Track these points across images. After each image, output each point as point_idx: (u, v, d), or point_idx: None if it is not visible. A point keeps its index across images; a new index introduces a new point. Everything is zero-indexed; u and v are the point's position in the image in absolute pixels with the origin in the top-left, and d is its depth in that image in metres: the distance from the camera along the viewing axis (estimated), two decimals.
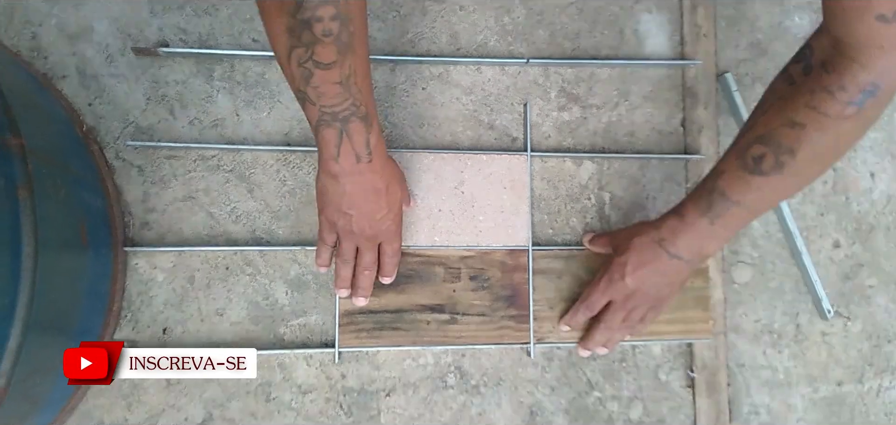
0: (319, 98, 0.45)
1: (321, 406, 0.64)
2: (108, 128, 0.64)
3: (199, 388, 0.63)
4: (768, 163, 0.47)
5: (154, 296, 0.63)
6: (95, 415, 0.62)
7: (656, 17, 0.73)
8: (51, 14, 0.64)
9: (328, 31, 0.41)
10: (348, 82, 0.44)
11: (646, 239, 0.57)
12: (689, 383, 0.69)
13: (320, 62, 0.42)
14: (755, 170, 0.48)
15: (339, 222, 0.54)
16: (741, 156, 0.49)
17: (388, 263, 0.60)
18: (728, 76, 0.72)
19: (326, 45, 0.41)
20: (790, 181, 0.48)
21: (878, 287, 0.73)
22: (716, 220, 0.52)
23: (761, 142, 0.48)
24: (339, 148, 0.48)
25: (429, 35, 0.69)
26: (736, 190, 0.50)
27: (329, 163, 0.49)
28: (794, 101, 0.46)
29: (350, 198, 0.52)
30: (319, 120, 0.46)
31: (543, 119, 0.70)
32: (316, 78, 0.43)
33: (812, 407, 0.71)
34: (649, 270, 0.57)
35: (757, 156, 0.48)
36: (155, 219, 0.64)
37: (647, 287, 0.58)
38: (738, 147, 0.50)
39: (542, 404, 0.67)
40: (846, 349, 0.72)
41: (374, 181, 0.52)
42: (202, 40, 0.66)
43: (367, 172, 0.50)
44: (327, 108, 0.45)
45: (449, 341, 0.64)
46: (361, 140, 0.48)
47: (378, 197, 0.53)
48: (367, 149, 0.49)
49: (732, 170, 0.50)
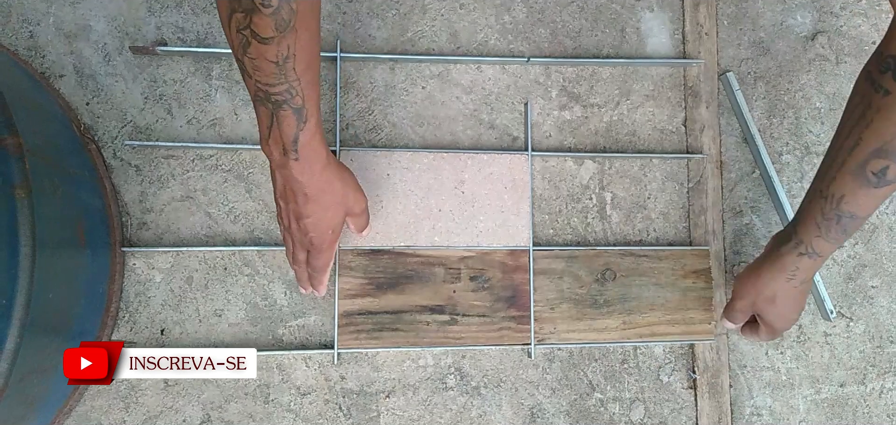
0: (255, 72, 0.43)
1: (320, 407, 0.64)
2: (106, 127, 0.64)
3: (198, 390, 0.63)
4: (893, 172, 0.48)
5: (152, 297, 0.63)
6: (93, 417, 0.61)
7: (658, 16, 0.72)
8: (48, 12, 0.64)
9: (267, 3, 0.39)
10: (285, 65, 0.42)
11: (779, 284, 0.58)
12: (691, 384, 0.69)
13: (256, 34, 0.41)
14: (881, 183, 0.48)
15: (280, 215, 0.54)
16: (860, 175, 0.49)
17: (312, 276, 0.58)
18: (730, 75, 0.71)
19: (264, 17, 0.40)
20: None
21: (881, 288, 0.73)
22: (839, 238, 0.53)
23: (881, 155, 0.48)
24: (270, 131, 0.46)
25: (429, 33, 0.69)
26: (862, 207, 0.51)
27: (263, 142, 0.48)
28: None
29: (280, 189, 0.51)
30: (255, 95, 0.45)
31: (544, 118, 0.70)
32: (252, 50, 0.42)
33: (814, 408, 0.71)
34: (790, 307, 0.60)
35: (879, 171, 0.48)
36: (153, 218, 0.64)
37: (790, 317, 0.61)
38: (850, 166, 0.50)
39: (543, 405, 0.67)
40: (849, 350, 0.72)
41: (302, 185, 0.50)
42: (200, 39, 0.66)
43: (294, 171, 0.48)
44: (262, 86, 0.44)
45: (449, 342, 0.64)
46: (289, 133, 0.46)
47: (305, 201, 0.51)
48: (294, 147, 0.47)
49: (855, 190, 0.50)
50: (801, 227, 0.55)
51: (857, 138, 0.49)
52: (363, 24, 0.68)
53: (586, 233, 0.69)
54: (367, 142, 0.67)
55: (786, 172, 0.73)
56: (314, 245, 0.55)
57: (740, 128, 0.72)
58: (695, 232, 0.70)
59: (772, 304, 0.59)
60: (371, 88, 0.68)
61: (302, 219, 0.53)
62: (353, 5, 0.68)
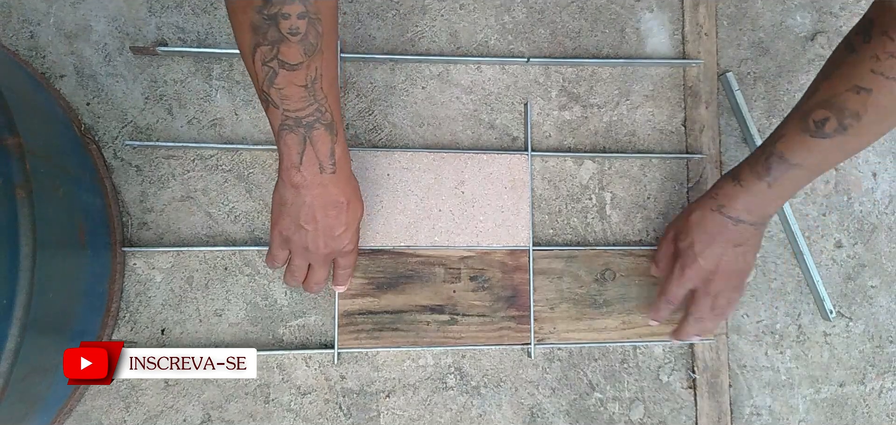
0: (283, 101, 0.43)
1: (320, 407, 0.64)
2: (107, 127, 0.64)
3: (198, 389, 0.63)
4: (831, 126, 0.48)
5: (152, 297, 0.63)
6: (93, 417, 0.61)
7: (657, 16, 0.73)
8: (49, 13, 0.64)
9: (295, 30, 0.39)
10: (314, 86, 0.43)
11: (704, 211, 0.57)
12: (691, 384, 0.69)
13: (285, 62, 0.41)
14: (817, 133, 0.49)
15: (294, 237, 0.52)
16: (803, 121, 0.50)
17: (341, 275, 0.59)
18: (729, 75, 0.72)
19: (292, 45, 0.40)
20: (852, 143, 0.50)
21: (881, 287, 0.73)
22: (774, 184, 0.53)
23: (825, 106, 0.49)
24: (303, 156, 0.46)
25: (429, 34, 0.69)
26: (796, 153, 0.51)
27: (290, 172, 0.47)
28: (859, 68, 0.47)
29: (309, 210, 0.50)
30: (282, 124, 0.45)
31: (544, 118, 0.70)
32: (280, 79, 0.42)
33: (814, 408, 0.71)
34: (719, 244, 0.56)
35: (820, 121, 0.49)
36: (153, 218, 0.64)
37: (723, 263, 0.57)
38: (800, 112, 0.51)
39: (543, 405, 0.67)
40: (848, 350, 0.72)
41: (337, 195, 0.50)
42: (200, 39, 0.66)
43: (330, 185, 0.49)
44: (291, 113, 0.44)
45: (449, 342, 0.64)
46: (326, 149, 0.47)
47: (338, 212, 0.51)
48: (332, 160, 0.47)
49: (793, 134, 0.51)
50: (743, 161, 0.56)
51: (814, 88, 0.51)
52: (363, 24, 0.68)
53: (586, 233, 0.69)
54: (367, 142, 0.67)
55: None
56: (346, 250, 0.55)
57: (740, 128, 0.72)
58: None
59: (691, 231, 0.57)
60: (371, 88, 0.68)
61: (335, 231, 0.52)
62: (353, 5, 0.68)
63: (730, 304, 0.60)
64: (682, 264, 0.59)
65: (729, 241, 0.56)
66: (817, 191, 0.73)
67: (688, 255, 0.58)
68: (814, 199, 0.73)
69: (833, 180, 0.74)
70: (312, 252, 0.53)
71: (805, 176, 0.53)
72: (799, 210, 0.72)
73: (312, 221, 0.51)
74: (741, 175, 0.55)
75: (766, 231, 0.72)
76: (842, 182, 0.74)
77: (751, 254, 0.58)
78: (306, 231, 0.51)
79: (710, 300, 0.59)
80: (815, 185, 0.73)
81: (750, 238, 0.57)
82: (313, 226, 0.51)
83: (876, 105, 0.47)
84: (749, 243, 0.57)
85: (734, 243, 0.57)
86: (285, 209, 0.51)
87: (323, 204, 0.50)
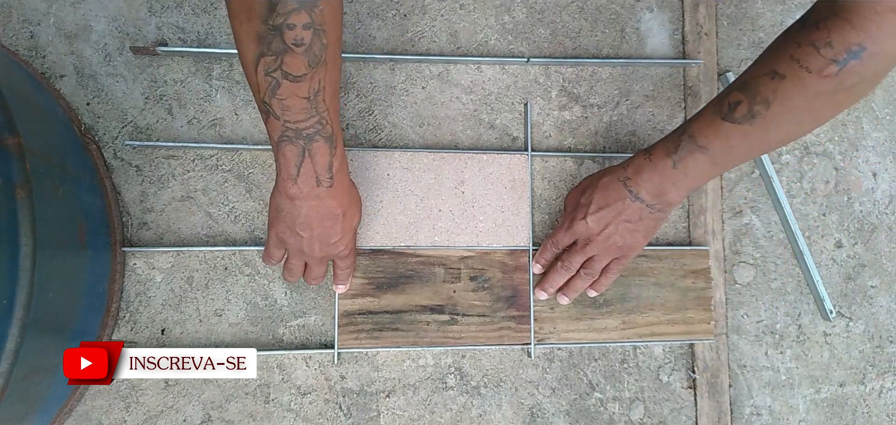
0: (284, 112, 0.43)
1: (320, 407, 0.64)
2: (107, 127, 0.64)
3: (198, 389, 0.63)
4: (741, 110, 0.47)
5: (152, 297, 0.63)
6: (93, 416, 0.62)
7: (657, 16, 0.73)
8: (49, 13, 0.64)
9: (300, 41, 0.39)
10: (316, 98, 0.43)
11: (611, 178, 0.57)
12: (691, 384, 0.69)
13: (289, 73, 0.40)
14: (727, 116, 0.47)
15: (290, 241, 0.53)
16: (719, 102, 0.49)
17: (341, 275, 0.60)
18: (730, 75, 0.71)
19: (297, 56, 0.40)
20: (759, 135, 0.47)
21: (881, 287, 0.73)
22: (679, 163, 0.51)
23: (741, 89, 0.47)
24: (300, 168, 0.46)
25: (429, 34, 0.69)
26: (704, 134, 0.49)
27: (286, 184, 0.47)
28: (780, 52, 0.45)
29: (305, 220, 0.50)
30: (282, 136, 0.44)
31: (544, 118, 0.70)
32: (282, 90, 0.41)
33: (814, 408, 0.71)
34: (611, 212, 0.56)
35: (733, 103, 0.47)
36: (153, 218, 0.64)
37: (610, 231, 0.57)
38: (721, 94, 0.50)
39: (543, 405, 0.67)
40: (848, 350, 0.72)
41: (332, 207, 0.50)
42: (200, 39, 0.66)
43: (326, 198, 0.49)
44: (291, 124, 0.43)
45: (449, 342, 0.64)
46: (324, 162, 0.46)
47: (334, 222, 0.51)
48: (329, 173, 0.47)
49: (707, 115, 0.49)
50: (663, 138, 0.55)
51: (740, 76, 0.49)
52: (363, 24, 0.68)
53: None
54: (368, 142, 0.67)
55: (785, 172, 0.73)
56: (342, 255, 0.56)
57: None
58: (694, 232, 0.70)
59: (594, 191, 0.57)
60: (371, 88, 0.68)
61: (331, 239, 0.53)
62: (353, 5, 0.68)
63: (606, 275, 0.61)
64: (573, 217, 0.60)
65: (621, 214, 0.56)
66: (817, 191, 0.73)
67: (580, 211, 0.59)
68: (814, 199, 0.73)
69: (833, 180, 0.74)
70: (308, 254, 0.54)
71: (708, 163, 0.50)
72: (799, 210, 0.72)
73: (307, 229, 0.51)
74: (653, 150, 0.54)
75: (766, 231, 0.72)
76: (842, 182, 0.74)
77: (640, 234, 0.58)
78: (302, 237, 0.52)
79: (583, 258, 0.60)
80: (816, 185, 0.73)
81: (645, 219, 0.56)
82: (308, 234, 0.51)
83: (784, 94, 0.44)
84: (642, 223, 0.57)
85: (626, 218, 0.56)
86: (281, 216, 0.51)
87: (319, 215, 0.50)
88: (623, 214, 0.56)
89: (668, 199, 0.55)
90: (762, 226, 0.72)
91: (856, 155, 0.74)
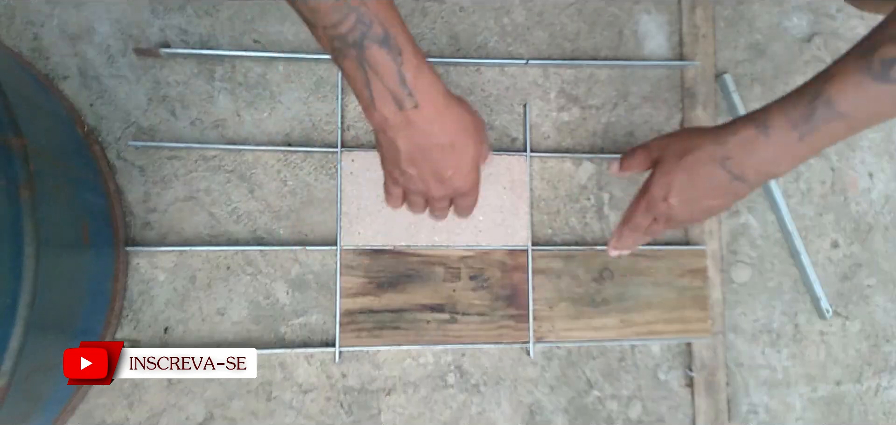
0: (313, 14, 0.35)
1: (322, 405, 0.65)
2: (110, 128, 0.64)
3: (201, 387, 0.63)
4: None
5: (155, 296, 0.64)
6: (97, 415, 0.62)
7: (655, 18, 0.73)
8: (52, 15, 0.64)
9: None
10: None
11: (703, 156, 0.46)
12: (688, 382, 0.69)
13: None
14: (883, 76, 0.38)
15: (401, 179, 0.45)
16: (865, 58, 0.39)
17: (461, 212, 0.51)
18: (727, 77, 0.72)
19: None
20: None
21: (877, 286, 0.74)
22: (808, 135, 0.41)
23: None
24: (371, 89, 0.38)
25: (429, 36, 0.70)
26: (848, 98, 0.40)
27: (369, 113, 0.40)
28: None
29: (407, 155, 0.42)
30: (334, 52, 0.37)
31: (543, 119, 0.70)
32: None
33: (810, 406, 0.71)
34: (702, 192, 0.47)
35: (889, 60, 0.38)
36: (156, 218, 0.64)
37: (695, 208, 0.49)
38: (862, 48, 0.40)
39: (542, 403, 0.67)
40: (845, 348, 0.73)
41: (433, 135, 0.41)
42: (203, 41, 0.66)
43: (420, 123, 0.40)
44: (330, 30, 0.36)
45: (449, 340, 0.65)
46: (393, 76, 0.38)
47: (442, 154, 0.42)
48: (405, 89, 0.38)
49: (849, 74, 0.40)
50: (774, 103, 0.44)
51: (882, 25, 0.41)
52: None
53: (584, 232, 0.70)
54: (368, 143, 0.68)
55: None
56: (462, 191, 0.47)
57: None
58: (691, 231, 0.71)
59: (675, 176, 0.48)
60: None
61: (444, 174, 0.44)
62: None
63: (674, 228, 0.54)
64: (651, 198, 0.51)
65: (714, 194, 0.47)
66: (814, 191, 0.74)
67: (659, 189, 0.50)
68: (810, 199, 0.74)
69: (829, 180, 0.74)
70: (425, 193, 0.47)
71: (845, 130, 0.41)
72: (795, 210, 0.73)
73: (413, 166, 0.43)
74: (770, 120, 0.43)
75: (763, 230, 0.73)
76: (838, 182, 0.74)
77: (727, 206, 0.50)
78: (410, 175, 0.44)
79: (664, 227, 0.53)
80: (812, 185, 0.74)
81: (738, 194, 0.47)
82: (416, 171, 0.44)
83: None
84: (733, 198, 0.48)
85: (718, 196, 0.48)
86: (383, 151, 0.44)
87: (420, 147, 0.42)
88: (714, 193, 0.47)
89: (776, 175, 0.46)
90: (759, 226, 0.73)
91: (852, 155, 0.75)
